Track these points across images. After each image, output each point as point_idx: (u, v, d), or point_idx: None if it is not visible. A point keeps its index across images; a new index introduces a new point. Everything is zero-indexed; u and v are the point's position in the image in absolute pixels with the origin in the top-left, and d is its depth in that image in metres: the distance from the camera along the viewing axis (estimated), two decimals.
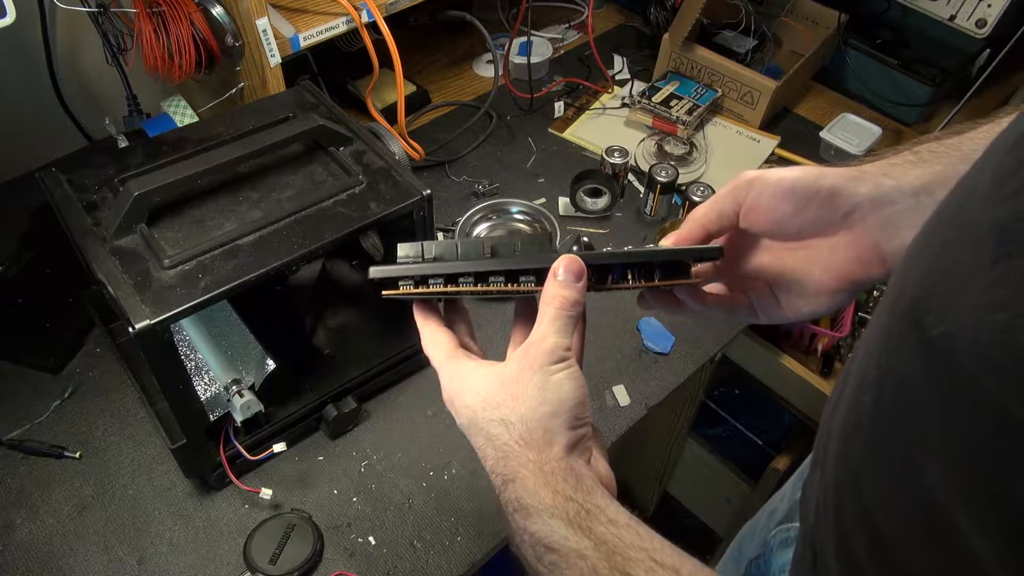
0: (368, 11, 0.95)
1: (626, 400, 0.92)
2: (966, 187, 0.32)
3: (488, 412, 0.44)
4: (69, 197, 0.71)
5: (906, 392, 0.32)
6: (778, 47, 1.40)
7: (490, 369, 0.46)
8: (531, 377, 0.44)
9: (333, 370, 0.86)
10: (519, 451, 0.42)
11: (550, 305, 0.45)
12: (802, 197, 0.47)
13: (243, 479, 0.80)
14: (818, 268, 0.48)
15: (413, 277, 0.47)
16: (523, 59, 1.30)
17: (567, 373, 0.44)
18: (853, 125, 1.25)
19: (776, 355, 1.20)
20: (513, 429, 0.43)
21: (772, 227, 0.49)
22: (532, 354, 0.44)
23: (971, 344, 0.27)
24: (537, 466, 0.42)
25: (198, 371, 0.81)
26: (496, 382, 0.44)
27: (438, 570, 0.76)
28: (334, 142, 0.77)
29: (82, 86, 1.11)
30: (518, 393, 0.43)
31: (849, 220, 0.47)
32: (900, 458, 0.33)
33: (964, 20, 1.16)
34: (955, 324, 0.28)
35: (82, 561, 0.75)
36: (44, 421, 0.85)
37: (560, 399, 0.43)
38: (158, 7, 0.86)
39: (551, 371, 0.43)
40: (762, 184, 0.48)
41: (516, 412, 0.43)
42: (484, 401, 0.44)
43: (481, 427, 0.44)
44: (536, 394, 0.43)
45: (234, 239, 0.68)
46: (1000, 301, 0.26)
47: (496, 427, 0.43)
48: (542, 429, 0.43)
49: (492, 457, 0.43)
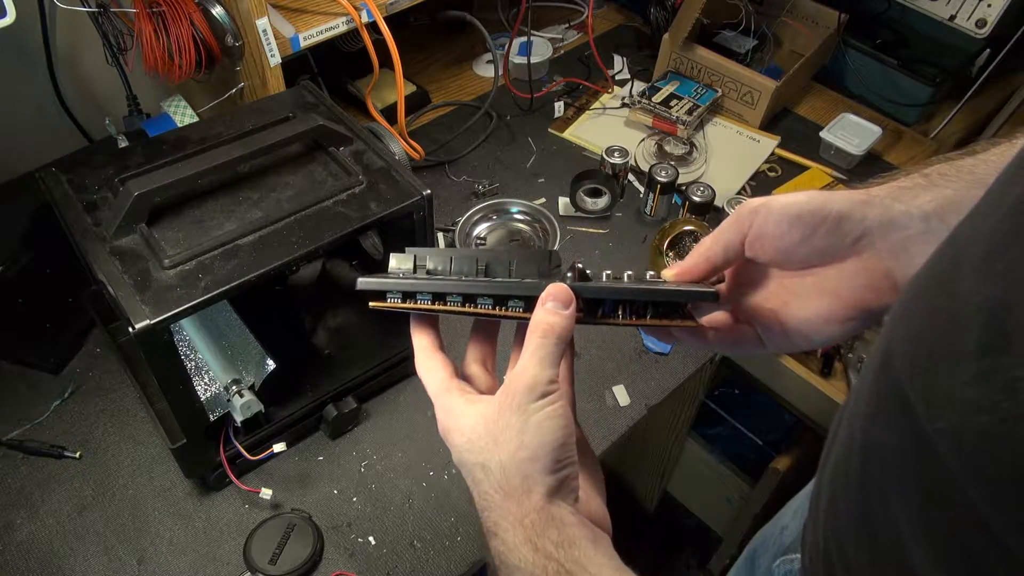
0: (368, 11, 0.95)
1: (626, 400, 0.92)
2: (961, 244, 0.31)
3: (471, 455, 0.42)
4: (69, 197, 0.71)
5: (892, 467, 0.31)
6: (778, 47, 1.40)
7: (475, 408, 0.44)
8: (510, 418, 0.41)
9: (333, 370, 0.86)
10: (499, 501, 0.41)
11: (534, 333, 0.42)
12: (809, 224, 0.45)
13: (243, 479, 0.80)
14: (828, 296, 0.46)
15: (401, 291, 0.46)
16: (523, 59, 1.30)
17: (548, 412, 0.41)
18: (853, 125, 1.25)
19: (776, 355, 1.20)
20: (492, 476, 0.41)
21: (779, 256, 0.47)
22: (511, 391, 0.42)
23: (954, 445, 0.26)
24: (517, 519, 0.40)
25: (198, 371, 0.81)
26: (480, 422, 0.43)
27: (438, 570, 0.76)
28: (334, 142, 0.77)
29: (82, 86, 1.11)
30: (498, 435, 0.41)
31: (858, 246, 0.45)
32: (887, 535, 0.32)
33: (964, 20, 1.16)
34: (939, 416, 0.27)
35: (82, 561, 0.75)
36: (44, 421, 0.85)
37: (539, 443, 0.41)
38: (158, 7, 0.86)
39: (531, 411, 0.41)
40: (767, 212, 0.46)
41: (495, 457, 0.41)
42: (468, 443, 0.43)
43: (467, 470, 0.43)
44: (514, 437, 0.41)
45: (234, 239, 0.68)
46: (984, 401, 0.25)
47: (478, 472, 0.42)
48: (520, 476, 0.41)
49: (477, 503, 0.42)
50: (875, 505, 0.33)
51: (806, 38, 1.36)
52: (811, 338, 0.47)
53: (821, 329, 0.47)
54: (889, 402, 0.31)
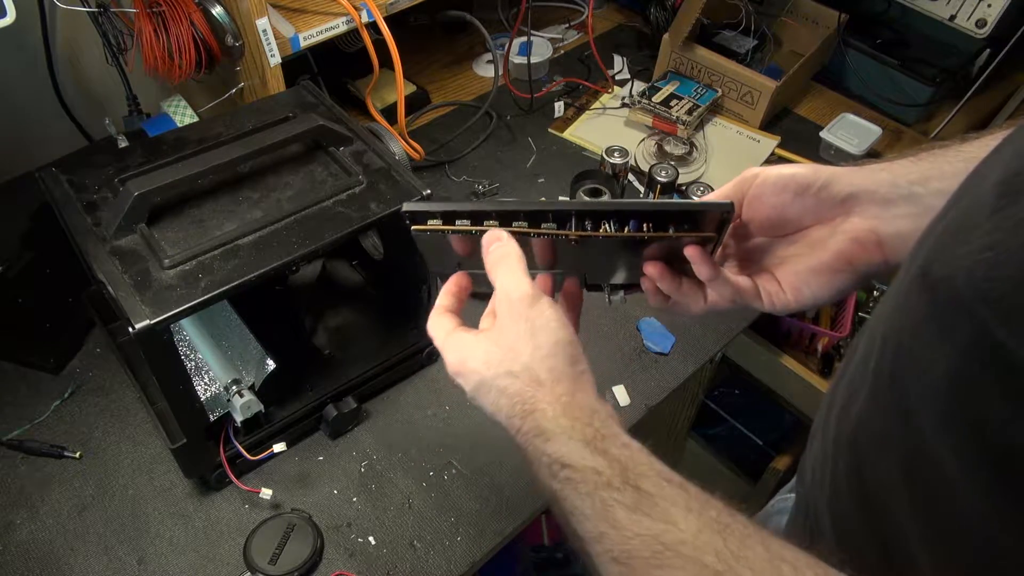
0: (368, 11, 0.95)
1: (626, 400, 0.92)
2: (978, 169, 0.35)
3: (493, 370, 0.46)
4: (69, 197, 0.71)
5: (907, 340, 0.35)
6: (778, 47, 1.40)
7: (482, 336, 0.48)
8: (516, 327, 0.46)
9: (333, 370, 0.86)
10: (533, 392, 0.45)
11: (496, 265, 0.48)
12: (801, 184, 0.50)
13: (243, 479, 0.80)
14: (817, 248, 0.51)
15: (442, 213, 0.49)
16: (523, 59, 1.29)
17: (548, 315, 0.46)
18: (853, 125, 1.25)
19: (776, 355, 1.20)
20: (521, 377, 0.45)
21: (774, 214, 0.51)
22: (507, 308, 0.47)
23: (967, 280, 0.29)
24: (554, 397, 0.44)
25: (198, 371, 0.81)
26: (492, 343, 0.47)
27: (438, 570, 0.76)
28: (334, 142, 0.77)
29: (82, 86, 1.11)
30: (513, 345, 0.46)
31: (846, 206, 0.50)
32: (894, 404, 0.36)
33: (964, 20, 1.16)
34: (955, 267, 0.30)
35: (82, 561, 0.75)
36: (44, 421, 0.85)
37: (553, 341, 0.46)
38: (158, 7, 0.86)
39: (532, 315, 0.46)
40: (764, 176, 0.51)
41: (518, 362, 0.45)
42: (486, 363, 0.46)
43: (491, 385, 0.46)
44: (528, 342, 0.46)
45: (234, 239, 0.68)
46: (994, 242, 0.28)
47: (504, 379, 0.46)
48: (546, 369, 0.45)
49: (507, 405, 0.45)
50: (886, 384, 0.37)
51: (806, 38, 1.36)
52: (803, 292, 0.51)
53: (811, 281, 0.51)
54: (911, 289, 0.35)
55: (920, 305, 0.34)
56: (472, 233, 0.49)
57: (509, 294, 0.47)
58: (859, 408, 0.40)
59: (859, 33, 1.34)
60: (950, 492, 0.32)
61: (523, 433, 0.44)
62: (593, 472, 0.40)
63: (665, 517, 0.38)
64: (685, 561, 0.35)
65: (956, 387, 0.31)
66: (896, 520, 0.37)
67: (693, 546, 0.36)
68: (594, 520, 0.39)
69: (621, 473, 0.40)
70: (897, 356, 0.36)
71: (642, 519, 0.38)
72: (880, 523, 0.39)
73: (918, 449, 0.34)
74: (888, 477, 0.37)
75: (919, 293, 0.34)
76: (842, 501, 0.43)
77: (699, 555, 0.35)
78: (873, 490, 0.39)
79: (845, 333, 1.17)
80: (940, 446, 0.32)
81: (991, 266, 0.28)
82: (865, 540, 0.41)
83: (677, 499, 0.39)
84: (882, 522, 0.39)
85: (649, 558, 0.36)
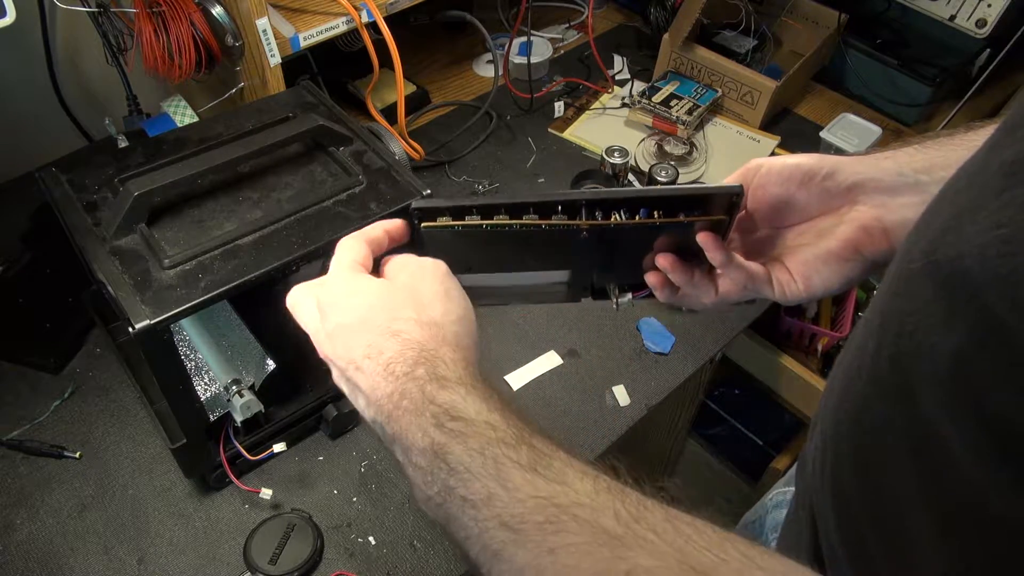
0: (368, 11, 0.95)
1: (626, 400, 0.92)
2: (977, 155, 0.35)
3: (387, 312, 0.44)
4: (69, 197, 0.70)
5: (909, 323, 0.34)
6: (778, 47, 1.40)
7: (383, 282, 0.46)
8: (432, 286, 0.45)
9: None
10: (436, 345, 0.42)
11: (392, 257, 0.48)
12: (806, 173, 0.50)
13: (243, 479, 0.80)
14: (826, 237, 0.51)
15: (451, 209, 0.49)
16: (523, 59, 1.30)
17: (462, 292, 0.46)
18: (853, 125, 1.25)
19: (776, 355, 1.20)
20: (427, 329, 0.43)
21: (779, 203, 0.51)
22: (419, 267, 0.46)
23: (977, 260, 0.29)
24: (456, 356, 0.42)
25: (198, 371, 0.81)
26: (398, 293, 0.45)
27: (438, 570, 0.76)
28: (334, 142, 0.77)
29: (82, 86, 1.11)
30: (424, 302, 0.44)
31: (852, 194, 0.50)
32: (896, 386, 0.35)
33: (964, 20, 1.16)
34: (964, 247, 0.30)
35: (82, 561, 0.75)
36: (44, 421, 0.85)
37: (463, 313, 0.45)
38: (158, 7, 0.86)
39: (448, 284, 0.46)
40: (769, 165, 0.51)
41: (426, 315, 0.44)
42: (382, 304, 0.44)
43: (377, 324, 0.43)
44: (442, 302, 0.45)
45: (234, 239, 0.68)
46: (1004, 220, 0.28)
47: (401, 324, 0.43)
48: (453, 333, 0.44)
49: (393, 349, 0.42)
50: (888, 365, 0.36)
51: (806, 38, 1.36)
52: (813, 279, 0.51)
53: (822, 270, 0.51)
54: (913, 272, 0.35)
55: (923, 289, 0.33)
56: (483, 228, 0.49)
57: (423, 262, 0.47)
58: (859, 392, 0.40)
59: (859, 33, 1.34)
60: (955, 471, 0.32)
61: (412, 378, 0.40)
62: (488, 427, 0.37)
63: (560, 478, 0.35)
64: (582, 525, 0.33)
65: (960, 368, 0.30)
66: (902, 500, 0.37)
67: (591, 508, 0.33)
68: (483, 479, 0.36)
69: (517, 433, 0.37)
70: (899, 339, 0.35)
71: (536, 479, 0.35)
72: (886, 504, 0.38)
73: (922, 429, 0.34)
74: (893, 458, 0.37)
75: (921, 277, 0.33)
76: (845, 487, 0.42)
77: (597, 517, 0.33)
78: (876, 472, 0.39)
79: (845, 333, 1.17)
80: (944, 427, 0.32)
81: (1004, 242, 0.28)
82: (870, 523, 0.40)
83: (572, 463, 0.37)
84: (888, 503, 0.38)
85: (543, 523, 0.33)
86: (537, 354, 0.96)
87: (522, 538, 0.33)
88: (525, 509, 0.34)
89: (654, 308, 1.01)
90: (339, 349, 0.44)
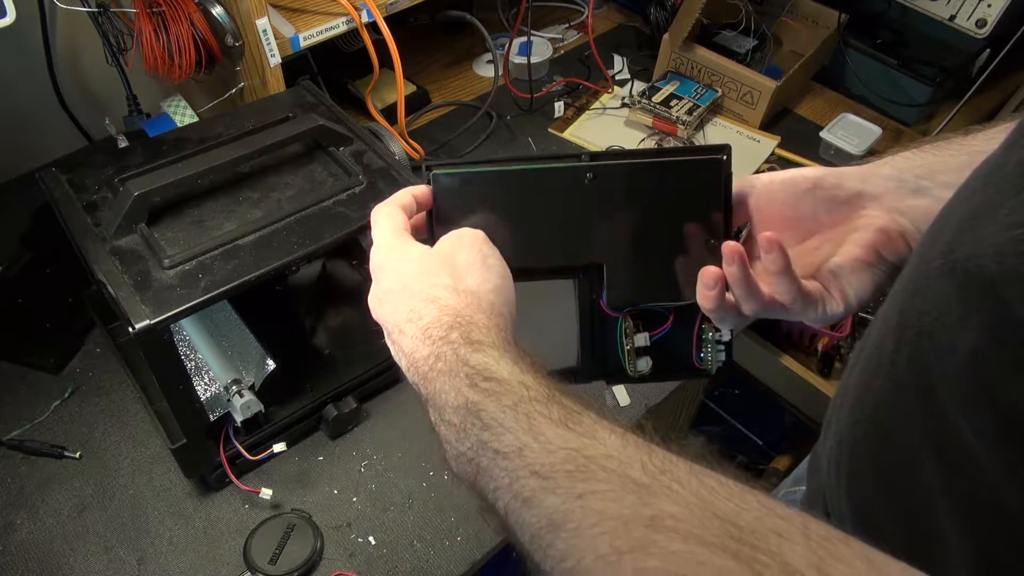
0: (368, 11, 0.95)
1: (626, 400, 0.92)
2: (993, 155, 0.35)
3: (428, 279, 0.45)
4: (69, 197, 0.71)
5: (928, 322, 0.35)
6: (778, 47, 1.40)
7: (426, 248, 0.47)
8: (469, 254, 0.46)
9: (333, 370, 0.86)
10: (472, 312, 0.43)
11: None
12: (811, 180, 0.49)
13: (243, 479, 0.80)
14: (848, 248, 0.49)
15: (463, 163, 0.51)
16: (523, 59, 1.29)
17: (500, 259, 0.47)
18: (853, 125, 1.25)
19: (776, 355, 1.20)
20: (463, 296, 0.44)
21: (788, 213, 0.50)
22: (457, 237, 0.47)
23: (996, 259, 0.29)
24: (491, 323, 0.43)
25: (198, 371, 0.81)
26: (437, 260, 0.46)
27: (438, 570, 0.76)
28: (334, 142, 0.77)
29: (82, 86, 1.11)
30: (462, 270, 0.45)
31: (861, 202, 0.49)
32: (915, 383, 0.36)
33: (964, 20, 1.16)
34: (982, 246, 0.30)
35: (82, 561, 0.75)
36: (44, 421, 0.85)
37: (501, 281, 0.46)
38: (158, 7, 0.86)
39: (486, 251, 0.46)
40: (770, 176, 0.51)
41: (463, 284, 0.45)
42: (424, 272, 0.45)
43: (418, 290, 0.45)
44: (479, 271, 0.45)
45: (234, 239, 0.68)
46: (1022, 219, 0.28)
47: (441, 291, 0.44)
48: (489, 302, 0.44)
49: (431, 315, 0.43)
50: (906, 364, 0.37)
51: (806, 38, 1.36)
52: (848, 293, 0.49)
53: (852, 281, 0.49)
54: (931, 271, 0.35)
55: (941, 288, 0.34)
56: (494, 172, 0.50)
57: (462, 231, 0.48)
58: (878, 391, 0.40)
59: (859, 33, 1.34)
60: (976, 467, 0.32)
61: (447, 341, 0.41)
62: (521, 386, 0.39)
63: (590, 433, 0.36)
64: (610, 475, 0.34)
65: (979, 365, 0.31)
66: (923, 496, 0.37)
67: (619, 460, 0.35)
68: (516, 432, 0.37)
69: (548, 392, 0.39)
70: (918, 338, 0.36)
71: (567, 433, 0.36)
72: (906, 501, 0.39)
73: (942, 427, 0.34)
74: (913, 454, 0.37)
75: (939, 276, 0.34)
76: (863, 484, 0.43)
77: (624, 469, 0.34)
78: (897, 469, 0.39)
79: (845, 333, 1.17)
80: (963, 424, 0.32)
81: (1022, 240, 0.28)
82: (890, 520, 0.41)
83: (601, 420, 0.38)
84: (908, 500, 0.39)
85: (573, 471, 0.35)
86: None
87: (552, 485, 0.35)
88: (555, 459, 0.35)
89: None
90: (387, 312, 0.46)
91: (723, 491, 0.32)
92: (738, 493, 0.32)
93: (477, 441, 0.38)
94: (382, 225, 0.49)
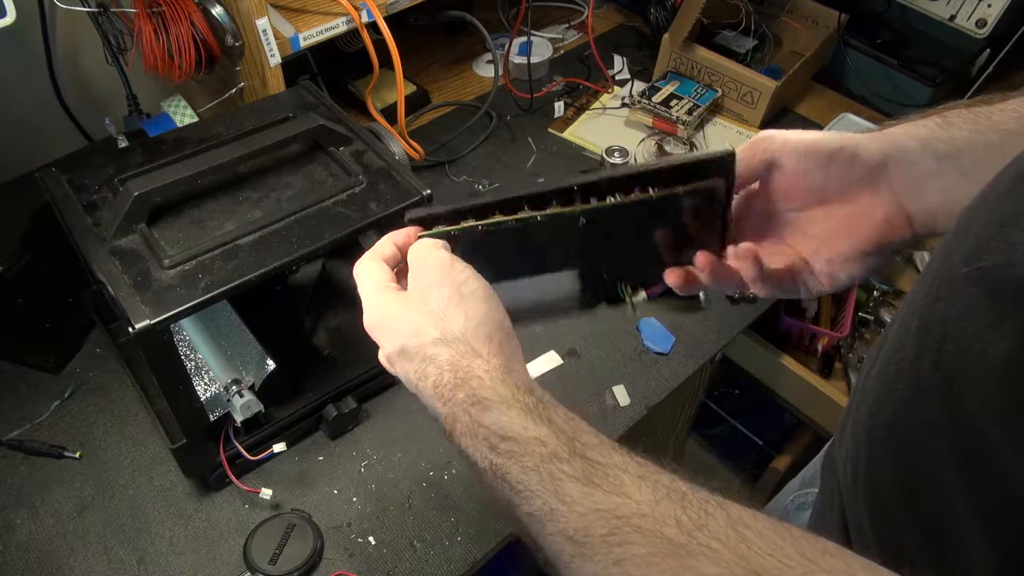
0: (368, 11, 0.94)
1: (626, 400, 0.92)
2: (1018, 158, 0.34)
3: (419, 339, 0.44)
4: (69, 197, 0.70)
5: (954, 329, 0.34)
6: (778, 47, 1.40)
7: (406, 300, 0.46)
8: (440, 291, 0.44)
9: (333, 370, 0.86)
10: (468, 362, 0.42)
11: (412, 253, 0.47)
12: (825, 151, 0.48)
13: (243, 479, 0.80)
14: (848, 233, 0.49)
15: (446, 213, 0.48)
16: (523, 59, 1.29)
17: (472, 279, 0.44)
18: (853, 125, 1.25)
19: (776, 355, 1.20)
20: (454, 346, 0.43)
21: (797, 181, 0.49)
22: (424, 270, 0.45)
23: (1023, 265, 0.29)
24: (491, 367, 0.42)
25: (198, 371, 0.81)
26: (416, 312, 0.44)
27: (438, 570, 0.76)
28: (334, 142, 0.77)
29: (82, 86, 1.11)
30: (441, 314, 0.44)
31: (874, 180, 0.47)
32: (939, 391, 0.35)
33: (964, 20, 1.16)
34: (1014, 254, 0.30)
35: (82, 561, 0.75)
36: (44, 421, 0.85)
37: (484, 310, 0.44)
38: (158, 7, 0.86)
39: (456, 280, 0.44)
40: (785, 140, 0.48)
41: (449, 332, 0.43)
42: (414, 332, 0.44)
43: (415, 352, 0.44)
44: (458, 309, 0.43)
45: (234, 239, 0.68)
46: None
47: (433, 348, 0.43)
48: (482, 340, 0.43)
49: (434, 374, 0.42)
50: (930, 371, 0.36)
51: (806, 38, 1.36)
52: (838, 276, 0.50)
53: (846, 266, 0.49)
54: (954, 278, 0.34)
55: (967, 294, 0.33)
56: (479, 228, 0.48)
57: (423, 267, 0.45)
58: (898, 398, 0.39)
59: (859, 33, 1.34)
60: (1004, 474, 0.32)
61: (456, 403, 0.41)
62: (537, 443, 0.38)
63: (618, 488, 0.35)
64: (645, 536, 0.33)
65: (1012, 372, 0.30)
66: (946, 503, 0.36)
67: (652, 518, 0.34)
68: (543, 496, 0.36)
69: (568, 444, 0.38)
70: (942, 344, 0.35)
71: (594, 492, 0.35)
72: (927, 508, 0.38)
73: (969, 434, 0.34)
74: (936, 462, 0.36)
75: (965, 283, 0.33)
76: (881, 489, 0.42)
77: (659, 527, 0.33)
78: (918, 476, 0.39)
79: (845, 333, 1.17)
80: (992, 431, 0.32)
81: None
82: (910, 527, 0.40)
83: (627, 467, 0.37)
84: (929, 507, 0.38)
85: (607, 535, 0.34)
86: (537, 354, 0.96)
87: (588, 551, 0.34)
88: (587, 522, 0.35)
89: (654, 308, 1.01)
90: (399, 372, 0.46)
91: (762, 545, 0.32)
92: (779, 547, 0.31)
93: (509, 503, 0.38)
94: (364, 282, 0.48)
